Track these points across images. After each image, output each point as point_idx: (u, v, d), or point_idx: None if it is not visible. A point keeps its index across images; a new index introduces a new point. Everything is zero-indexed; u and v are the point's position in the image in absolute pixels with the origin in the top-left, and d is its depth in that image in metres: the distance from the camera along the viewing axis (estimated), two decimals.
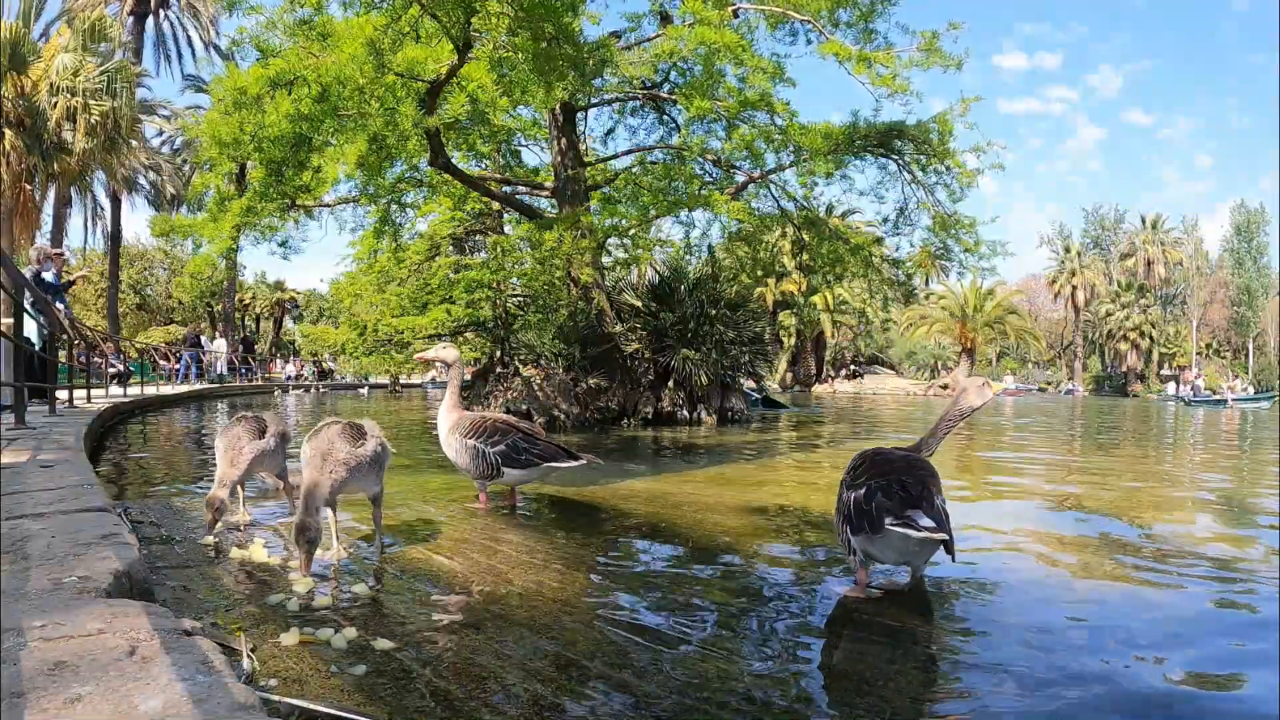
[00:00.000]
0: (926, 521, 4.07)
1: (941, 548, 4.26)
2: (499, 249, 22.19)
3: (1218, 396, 58.56)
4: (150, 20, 55.19)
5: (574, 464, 7.19)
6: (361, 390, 53.43)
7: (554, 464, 7.09)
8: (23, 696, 2.10)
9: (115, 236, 52.33)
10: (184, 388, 33.38)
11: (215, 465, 6.07)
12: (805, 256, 24.01)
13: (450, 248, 25.25)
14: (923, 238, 21.99)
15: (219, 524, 5.56)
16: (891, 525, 4.10)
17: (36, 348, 15.15)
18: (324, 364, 61.90)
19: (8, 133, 38.69)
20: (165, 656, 2.41)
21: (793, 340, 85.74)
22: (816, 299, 79.12)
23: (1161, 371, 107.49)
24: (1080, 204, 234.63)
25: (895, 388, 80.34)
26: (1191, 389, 67.82)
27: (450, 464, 7.40)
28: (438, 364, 7.79)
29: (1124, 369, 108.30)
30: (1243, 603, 4.72)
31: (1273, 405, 51.63)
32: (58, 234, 46.90)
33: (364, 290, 23.98)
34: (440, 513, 6.94)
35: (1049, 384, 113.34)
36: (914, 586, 4.72)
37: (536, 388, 19.32)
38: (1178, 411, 40.99)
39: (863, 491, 4.35)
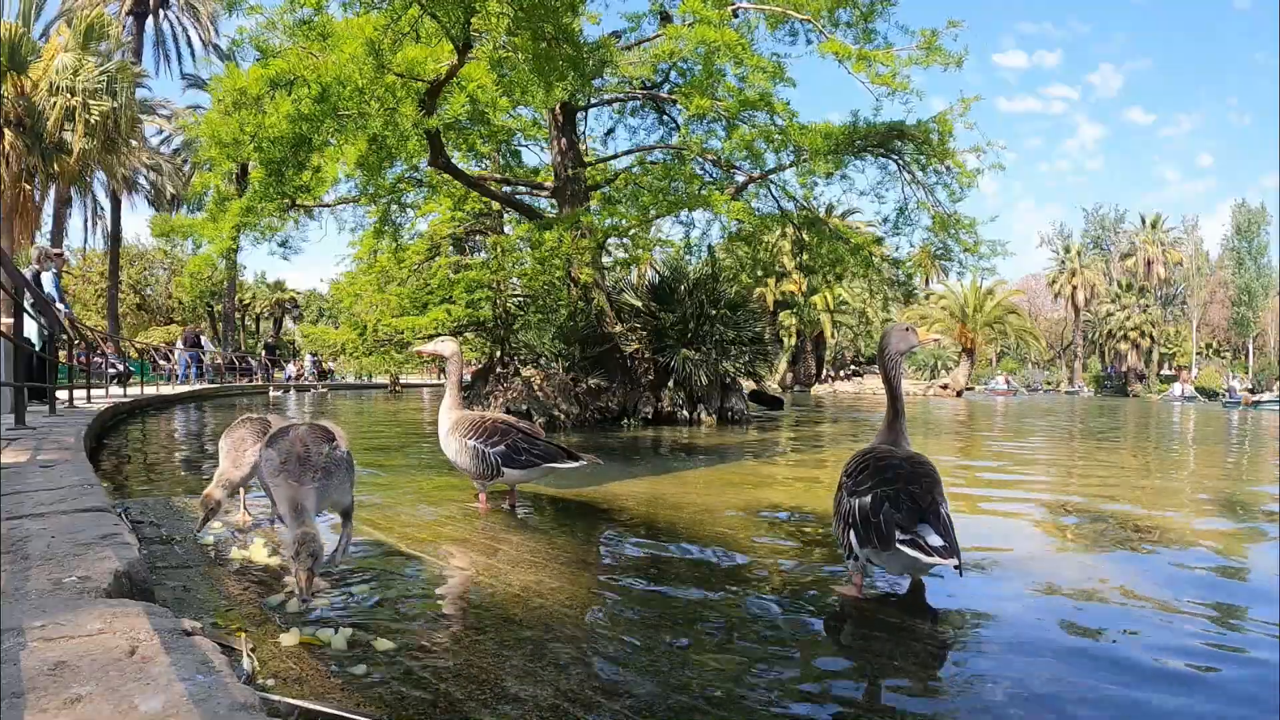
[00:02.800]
0: (937, 541, 4.01)
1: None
2: (499, 249, 22.20)
3: (1256, 398, 58.64)
4: (149, 20, 55.18)
5: (574, 464, 7.19)
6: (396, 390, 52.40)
7: (554, 464, 7.09)
8: (23, 696, 2.10)
9: (115, 236, 52.27)
10: (184, 388, 33.35)
11: (218, 464, 6.09)
12: (805, 256, 23.97)
13: (450, 248, 25.25)
14: (923, 238, 21.98)
15: (212, 522, 5.56)
16: (902, 545, 4.05)
17: (36, 348, 15.15)
18: (323, 364, 61.85)
19: (8, 133, 38.67)
20: (165, 656, 2.41)
21: (793, 340, 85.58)
22: (816, 299, 79.02)
23: (1162, 372, 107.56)
24: (1080, 203, 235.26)
25: None
26: (1228, 390, 68.04)
27: (450, 464, 7.40)
28: (428, 356, 7.77)
29: (1124, 369, 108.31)
30: (1241, 606, 4.73)
31: None
32: (58, 234, 46.84)
33: (364, 290, 23.99)
34: (440, 513, 6.94)
35: (1050, 384, 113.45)
36: (913, 587, 4.72)
37: (536, 388, 19.31)
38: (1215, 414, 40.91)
39: (869, 500, 4.28)
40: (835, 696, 3.27)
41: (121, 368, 30.69)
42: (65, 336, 16.68)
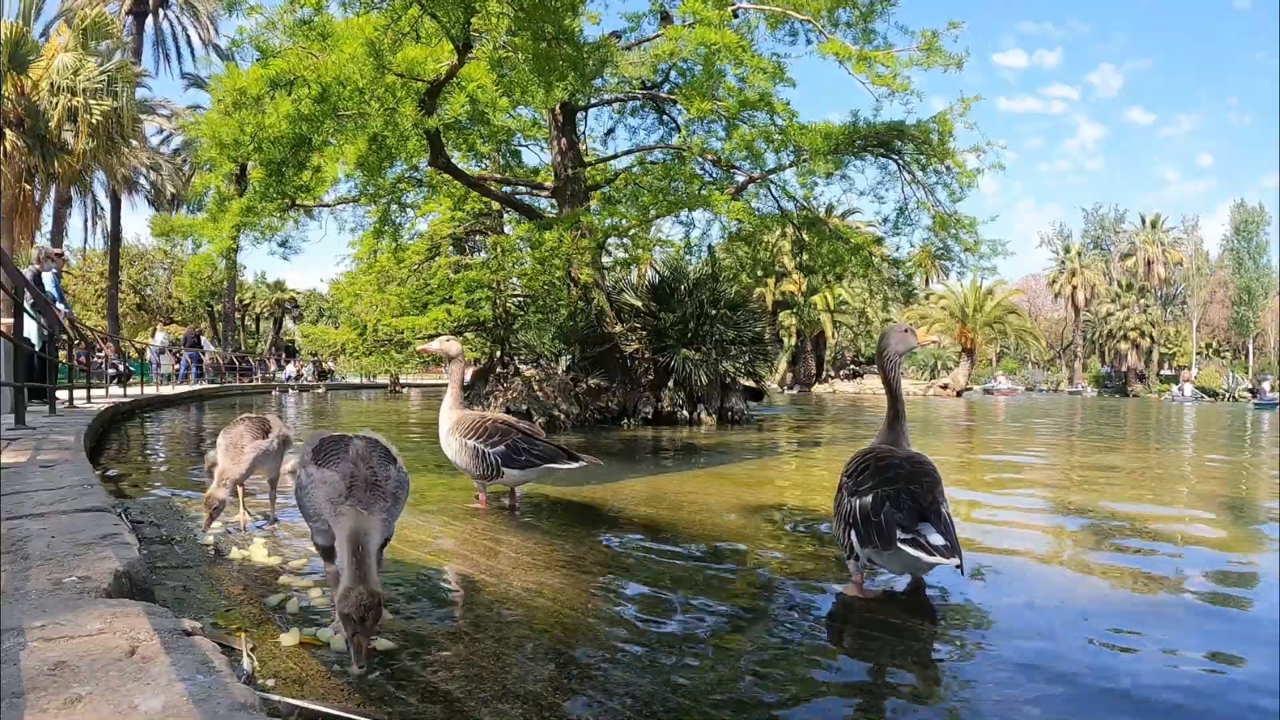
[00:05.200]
0: (938, 540, 4.00)
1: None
2: (499, 249, 22.18)
3: None
4: (149, 19, 55.18)
5: (574, 465, 7.18)
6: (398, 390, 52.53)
7: (554, 465, 7.08)
8: (23, 696, 2.10)
9: (115, 236, 52.22)
10: (184, 388, 33.32)
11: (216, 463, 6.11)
12: (805, 256, 23.95)
13: (450, 248, 25.21)
14: (923, 238, 21.97)
15: (216, 522, 5.55)
16: (903, 544, 4.05)
17: (36, 348, 15.15)
18: (324, 364, 61.88)
19: (8, 133, 38.66)
20: (165, 656, 2.41)
21: (793, 340, 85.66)
22: (816, 299, 79.07)
23: (1162, 372, 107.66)
24: (1081, 204, 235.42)
25: None
26: (1258, 391, 68.25)
27: (449, 464, 7.40)
28: (429, 356, 7.75)
29: (1124, 369, 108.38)
30: (1237, 598, 4.73)
31: None
32: (58, 234, 46.81)
33: (364, 290, 23.96)
34: (440, 513, 6.94)
35: (1049, 384, 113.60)
36: (914, 587, 4.72)
37: (536, 388, 19.30)
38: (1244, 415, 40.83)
39: (870, 500, 4.28)
40: (834, 697, 3.27)
41: (121, 368, 30.65)
42: (65, 336, 16.69)
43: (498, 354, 22.17)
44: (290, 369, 61.29)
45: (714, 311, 20.78)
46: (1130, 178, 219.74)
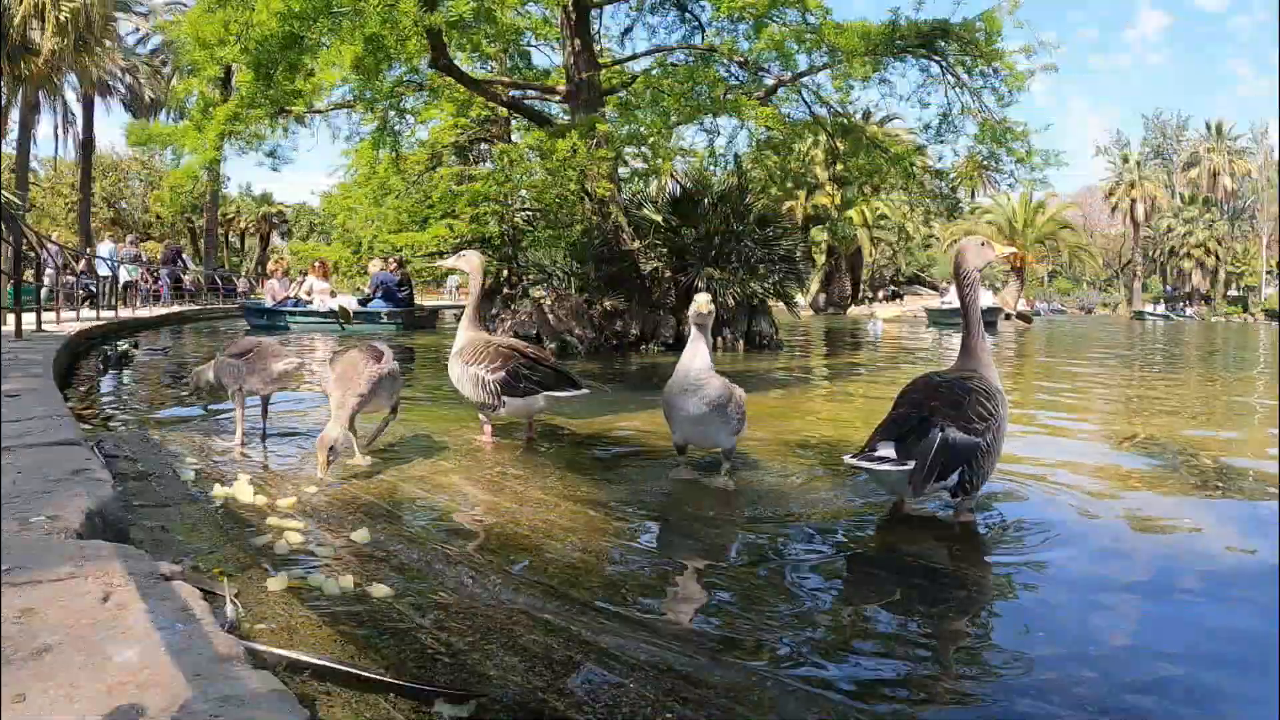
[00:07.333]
0: (887, 452, 4.29)
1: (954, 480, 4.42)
2: (506, 159, 22.05)
3: None
4: None
5: (573, 393, 7.06)
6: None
7: (553, 393, 6.96)
8: None
9: (87, 144, 52.14)
10: (161, 310, 33.14)
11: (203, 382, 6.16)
12: (840, 167, 23.80)
13: (453, 157, 25.12)
14: (969, 146, 21.80)
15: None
16: (850, 459, 4.40)
17: None
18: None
19: None
20: (141, 603, 2.41)
21: (825, 259, 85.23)
22: (852, 213, 78.58)
23: (1228, 293, 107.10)
24: (1139, 106, 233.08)
25: None
26: None
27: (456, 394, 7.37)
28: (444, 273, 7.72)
29: (1187, 289, 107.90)
30: None
31: None
32: (24, 142, 46.75)
33: (359, 203, 23.88)
34: (445, 448, 6.91)
35: (1106, 305, 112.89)
36: (962, 526, 4.71)
37: (547, 310, 19.23)
38: None
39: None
40: (864, 654, 3.25)
41: (94, 287, 30.40)
42: (31, 254, 16.67)
43: (505, 273, 22.14)
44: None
45: (740, 227, 20.60)
46: (1196, 74, 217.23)
